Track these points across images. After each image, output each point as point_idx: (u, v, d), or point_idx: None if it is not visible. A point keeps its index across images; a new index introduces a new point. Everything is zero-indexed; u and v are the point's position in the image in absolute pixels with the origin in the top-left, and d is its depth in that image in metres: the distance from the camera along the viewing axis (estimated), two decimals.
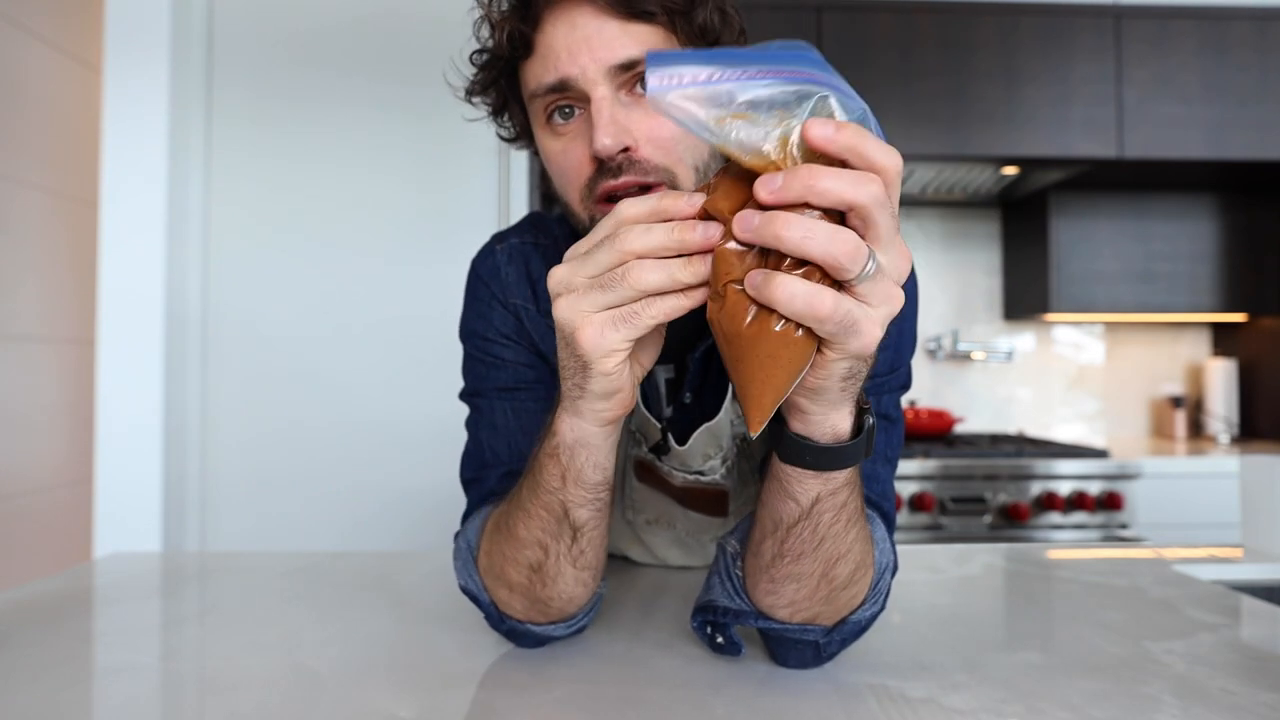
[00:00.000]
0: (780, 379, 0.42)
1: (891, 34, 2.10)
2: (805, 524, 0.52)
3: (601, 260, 0.45)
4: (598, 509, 0.57)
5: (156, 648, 0.70)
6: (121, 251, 1.76)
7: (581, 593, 0.62)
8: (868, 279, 0.40)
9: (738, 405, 0.73)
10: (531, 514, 0.57)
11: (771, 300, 0.40)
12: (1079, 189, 2.37)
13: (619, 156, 0.60)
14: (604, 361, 0.47)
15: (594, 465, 0.54)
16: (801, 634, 0.59)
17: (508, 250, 0.76)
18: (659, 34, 0.62)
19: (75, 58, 2.05)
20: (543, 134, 0.65)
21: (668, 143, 0.61)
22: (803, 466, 0.50)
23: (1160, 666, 0.63)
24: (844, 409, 0.48)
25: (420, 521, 1.84)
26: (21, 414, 1.89)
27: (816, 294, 0.39)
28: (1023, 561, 0.99)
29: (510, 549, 0.60)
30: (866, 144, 0.39)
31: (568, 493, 0.55)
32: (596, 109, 0.59)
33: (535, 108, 0.65)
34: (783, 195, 0.40)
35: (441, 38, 1.88)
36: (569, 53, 0.60)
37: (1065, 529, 1.95)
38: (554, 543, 0.58)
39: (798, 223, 0.39)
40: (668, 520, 0.85)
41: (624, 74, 0.60)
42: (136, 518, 1.74)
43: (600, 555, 0.61)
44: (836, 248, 0.39)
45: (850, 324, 0.41)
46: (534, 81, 0.63)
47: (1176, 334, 2.63)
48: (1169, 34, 2.12)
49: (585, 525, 0.57)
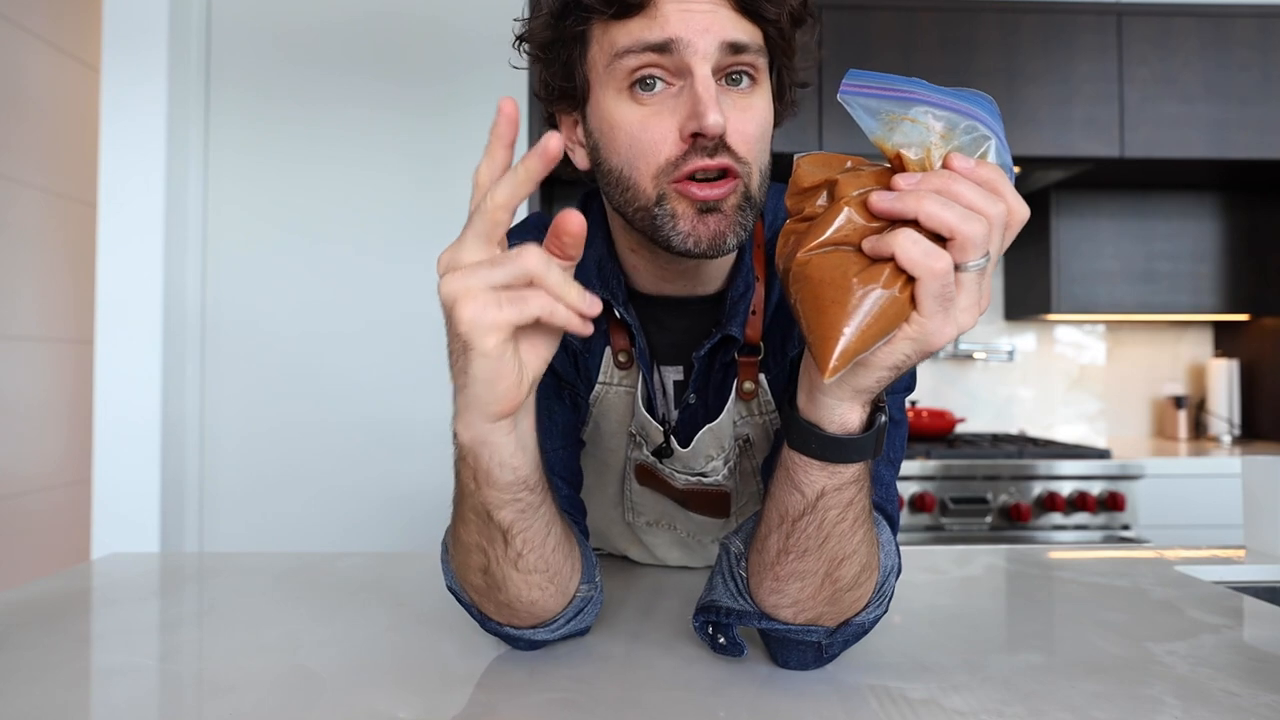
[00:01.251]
0: (873, 333, 0.44)
1: (892, 33, 2.10)
2: (810, 518, 0.52)
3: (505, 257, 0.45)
4: (520, 510, 0.54)
5: (155, 648, 0.69)
6: (120, 251, 1.76)
7: (540, 596, 0.59)
8: (974, 271, 0.44)
9: (740, 405, 0.73)
10: (466, 518, 0.56)
11: (894, 245, 0.43)
12: (1080, 188, 2.37)
13: (718, 139, 0.59)
14: (484, 339, 0.45)
15: (499, 464, 0.51)
16: (804, 635, 0.58)
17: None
18: (762, 40, 0.61)
19: (74, 57, 2.05)
20: (617, 101, 0.61)
21: (752, 139, 0.61)
22: (809, 455, 0.50)
23: (1162, 667, 0.63)
24: (859, 401, 0.49)
25: (419, 521, 1.83)
26: (20, 414, 1.89)
27: (937, 251, 0.43)
28: (1024, 562, 0.99)
29: (460, 554, 0.59)
30: (1004, 183, 0.45)
31: (483, 494, 0.53)
32: (705, 86, 0.58)
33: (617, 69, 0.60)
34: (921, 186, 0.44)
35: (441, 38, 1.88)
36: (682, 19, 0.58)
37: (1067, 529, 1.95)
38: (489, 546, 0.56)
39: (936, 196, 0.43)
40: (669, 522, 0.85)
41: (729, 57, 0.59)
42: (135, 518, 1.74)
43: (550, 560, 0.58)
44: (968, 225, 0.43)
45: (947, 299, 0.44)
46: (630, 38, 0.59)
47: (1178, 334, 2.63)
48: (1171, 33, 2.11)
49: (512, 527, 0.54)
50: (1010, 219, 0.45)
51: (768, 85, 0.64)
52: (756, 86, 0.62)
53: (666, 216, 0.61)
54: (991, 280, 0.47)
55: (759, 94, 0.62)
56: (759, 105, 0.62)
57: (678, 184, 0.60)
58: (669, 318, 0.73)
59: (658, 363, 0.74)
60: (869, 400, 0.50)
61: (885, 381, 0.48)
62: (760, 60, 0.61)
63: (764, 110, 0.62)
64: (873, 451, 0.51)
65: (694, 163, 0.59)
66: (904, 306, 0.44)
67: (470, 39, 1.90)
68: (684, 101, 0.59)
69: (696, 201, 0.60)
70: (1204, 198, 2.41)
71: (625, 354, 0.73)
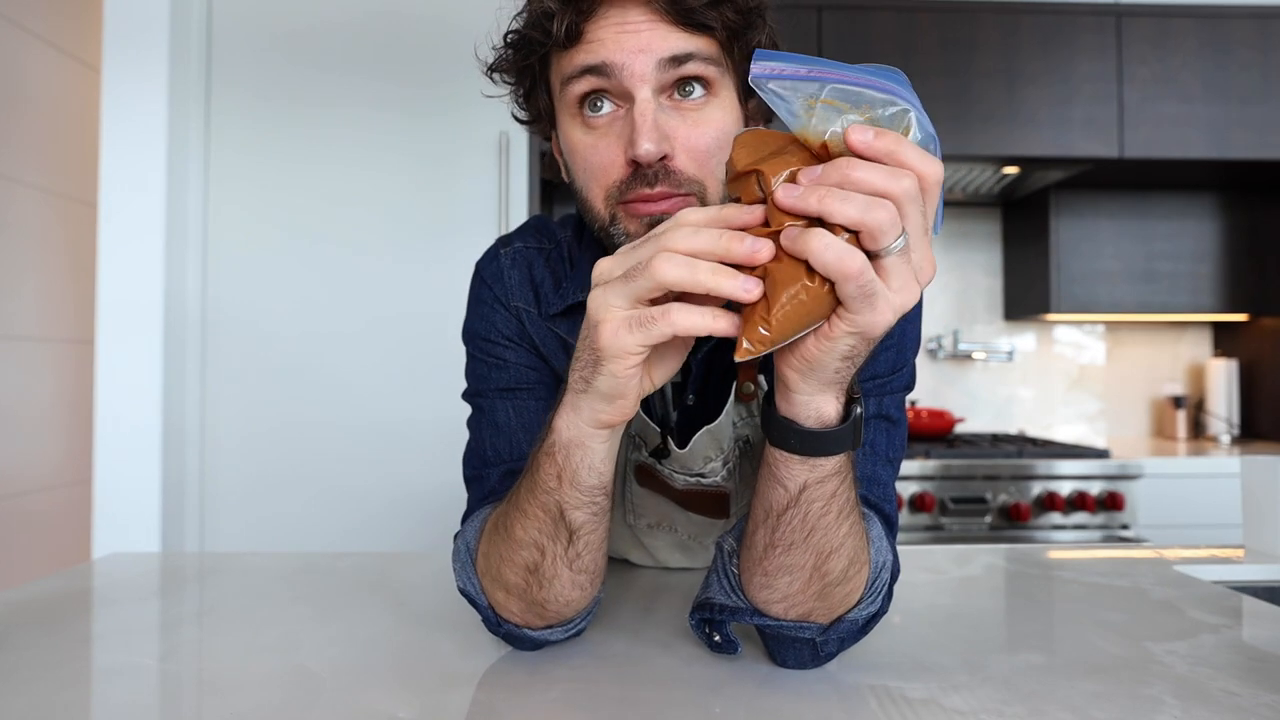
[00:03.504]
0: (791, 324, 0.44)
1: (892, 34, 2.10)
2: (794, 511, 0.53)
3: (641, 253, 0.46)
4: (594, 513, 0.56)
5: (155, 648, 0.70)
6: (120, 251, 1.76)
7: (578, 596, 0.62)
8: (895, 254, 0.43)
9: (740, 406, 0.73)
10: (528, 514, 0.57)
11: (806, 250, 0.42)
12: (1080, 188, 2.37)
13: (656, 165, 0.60)
14: (616, 362, 0.47)
15: (588, 468, 0.53)
16: (797, 631, 0.59)
17: (511, 254, 0.76)
18: (712, 49, 0.61)
19: (74, 57, 2.05)
20: (571, 124, 0.64)
21: (702, 154, 0.61)
22: (789, 450, 0.51)
23: (1162, 667, 0.63)
24: (830, 393, 0.49)
25: (420, 522, 1.83)
26: (20, 414, 1.89)
27: (850, 252, 0.41)
28: (1024, 562, 0.99)
29: (507, 549, 0.60)
30: (904, 149, 0.42)
31: (564, 493, 0.54)
32: (640, 112, 0.59)
33: (567, 95, 0.63)
34: (821, 181, 0.43)
35: (441, 38, 1.88)
36: (617, 42, 0.59)
37: (1066, 529, 1.95)
38: (550, 544, 0.57)
39: (835, 191, 0.42)
40: (669, 523, 0.85)
41: (670, 72, 0.60)
42: (135, 518, 1.74)
43: (598, 561, 0.60)
44: (872, 215, 0.41)
45: (870, 294, 0.42)
46: (571, 65, 0.61)
47: (1178, 334, 2.63)
48: (1170, 33, 2.11)
49: (581, 528, 0.56)
50: (924, 185, 0.43)
51: (729, 92, 0.63)
52: (712, 96, 0.62)
53: (620, 235, 0.63)
54: (931, 246, 0.45)
55: (715, 104, 0.62)
56: (714, 116, 0.62)
57: (624, 207, 0.62)
58: None
59: None
60: (841, 392, 0.49)
61: (845, 372, 0.47)
62: (711, 68, 0.61)
63: (720, 120, 0.62)
64: (851, 443, 0.51)
65: (635, 192, 0.61)
66: (825, 300, 0.44)
67: (471, 39, 1.90)
68: (627, 125, 0.60)
69: (644, 217, 0.61)
70: (1204, 198, 2.41)
71: None
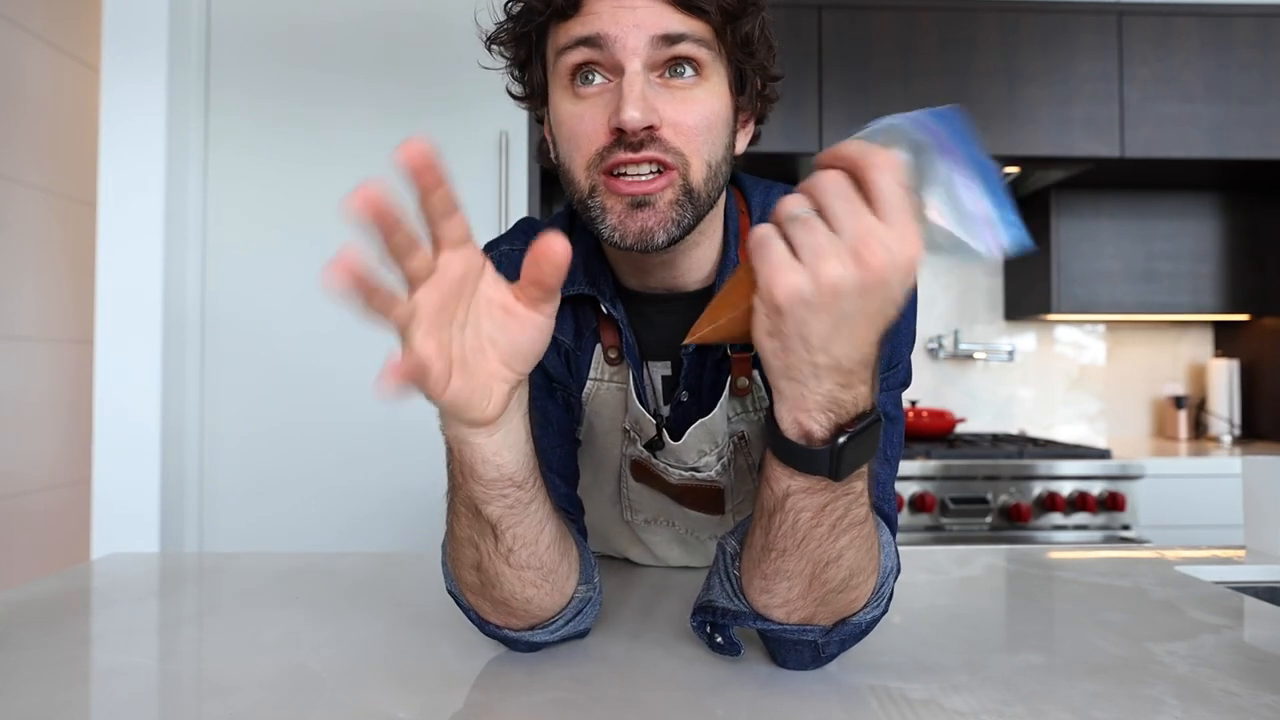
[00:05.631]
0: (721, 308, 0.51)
1: (892, 33, 2.10)
2: (781, 516, 0.52)
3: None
4: (508, 506, 0.55)
5: (154, 648, 0.70)
6: (120, 251, 1.76)
7: (536, 594, 0.60)
8: (795, 223, 0.45)
9: (735, 401, 0.73)
10: (458, 512, 0.57)
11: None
12: (1081, 188, 2.37)
13: (642, 133, 0.59)
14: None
15: (481, 460, 0.52)
16: (800, 634, 0.58)
17: (499, 257, 0.76)
18: (706, 32, 0.61)
19: (74, 57, 2.05)
20: (561, 95, 0.64)
21: (688, 130, 0.61)
22: (771, 450, 0.51)
23: (1162, 668, 0.63)
24: (809, 405, 0.48)
25: (418, 522, 1.83)
26: (19, 414, 1.89)
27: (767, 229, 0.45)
28: (1024, 562, 0.99)
29: (455, 549, 0.60)
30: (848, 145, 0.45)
31: (470, 488, 0.54)
32: (629, 82, 0.59)
33: (560, 66, 0.63)
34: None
35: (441, 38, 1.88)
36: (613, 15, 0.60)
37: (1067, 530, 1.95)
38: (480, 540, 0.57)
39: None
40: (666, 519, 0.85)
41: (662, 50, 0.60)
42: (134, 518, 1.74)
43: (544, 558, 0.58)
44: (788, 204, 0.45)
45: (762, 252, 0.45)
46: (567, 35, 0.61)
47: (1178, 334, 2.63)
48: (1171, 32, 2.11)
49: (500, 522, 0.55)
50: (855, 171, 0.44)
51: (719, 77, 0.64)
52: (702, 79, 0.62)
53: (598, 209, 0.62)
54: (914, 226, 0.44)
55: (705, 86, 0.62)
56: (703, 97, 0.62)
57: (604, 177, 0.61)
58: (655, 314, 0.73)
59: (646, 359, 0.74)
60: (827, 418, 0.48)
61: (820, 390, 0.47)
62: (703, 51, 0.61)
63: (709, 102, 0.62)
64: (828, 470, 0.49)
65: (617, 155, 0.60)
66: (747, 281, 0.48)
67: (471, 39, 1.90)
68: (615, 96, 0.60)
69: (625, 196, 0.61)
70: (1204, 198, 2.41)
71: (615, 350, 0.74)
